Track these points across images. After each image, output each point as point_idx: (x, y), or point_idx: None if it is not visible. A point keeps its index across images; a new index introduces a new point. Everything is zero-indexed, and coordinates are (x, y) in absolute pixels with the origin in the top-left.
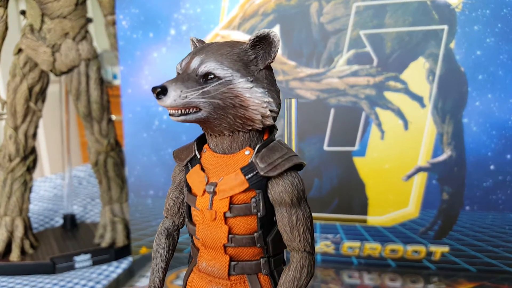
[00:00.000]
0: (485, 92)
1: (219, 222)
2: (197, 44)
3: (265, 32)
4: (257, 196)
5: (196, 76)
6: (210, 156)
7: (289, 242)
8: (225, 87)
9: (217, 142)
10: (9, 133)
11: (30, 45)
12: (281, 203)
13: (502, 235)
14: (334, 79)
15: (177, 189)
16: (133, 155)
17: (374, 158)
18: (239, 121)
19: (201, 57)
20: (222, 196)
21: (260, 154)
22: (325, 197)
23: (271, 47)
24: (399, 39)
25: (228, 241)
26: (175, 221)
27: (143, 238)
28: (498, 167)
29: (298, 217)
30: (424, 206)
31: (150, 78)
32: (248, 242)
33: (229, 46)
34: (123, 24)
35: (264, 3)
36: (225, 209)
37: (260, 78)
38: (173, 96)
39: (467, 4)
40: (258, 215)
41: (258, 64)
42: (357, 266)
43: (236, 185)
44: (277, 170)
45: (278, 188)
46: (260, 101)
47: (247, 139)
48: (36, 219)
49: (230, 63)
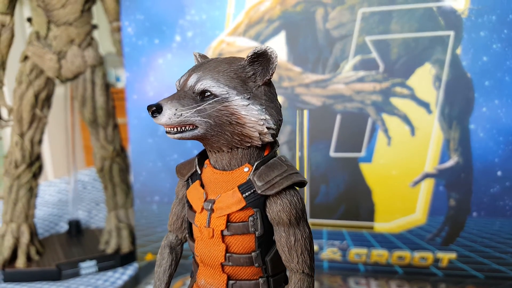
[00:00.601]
0: (492, 98)
1: (216, 240)
2: (199, 59)
3: (262, 49)
4: (254, 215)
5: (193, 94)
6: (210, 172)
7: (287, 263)
8: (221, 105)
9: (217, 158)
10: (15, 140)
11: (36, 52)
12: (279, 222)
13: (509, 241)
14: (340, 85)
15: (180, 204)
16: (138, 161)
17: (381, 164)
18: (237, 138)
19: (198, 75)
20: (220, 214)
21: (259, 171)
22: (332, 203)
23: (269, 63)
24: (405, 45)
25: (225, 260)
26: (179, 235)
27: (149, 244)
28: (505, 173)
29: (297, 238)
30: (431, 212)
31: (155, 84)
32: (245, 261)
33: (227, 63)
34: (128, 30)
35: (269, 10)
36: (222, 227)
37: (259, 94)
38: (168, 114)
39: (473, 10)
40: (256, 234)
41: (257, 81)
42: (364, 273)
43: (233, 203)
44: (274, 188)
45: (276, 207)
46: (257, 119)
47: (246, 155)
48: (41, 225)
49: (226, 81)
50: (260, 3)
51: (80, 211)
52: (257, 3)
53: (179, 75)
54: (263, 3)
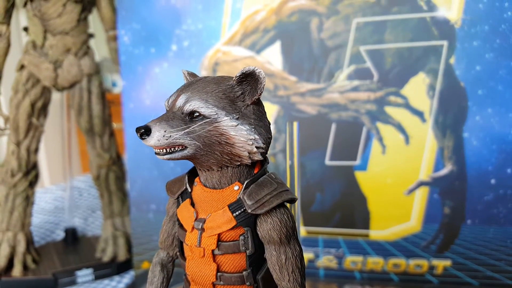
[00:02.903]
0: (485, 107)
1: (207, 259)
2: (188, 77)
3: (250, 69)
4: (245, 234)
5: (181, 114)
6: (200, 190)
7: (278, 281)
8: (210, 126)
9: (207, 176)
10: (12, 149)
11: (33, 62)
12: (269, 241)
13: (503, 248)
14: (335, 94)
15: (170, 221)
16: (134, 169)
17: (376, 172)
18: (226, 157)
19: (186, 95)
20: (210, 234)
21: (249, 190)
22: (327, 211)
23: (257, 83)
24: (399, 55)
25: (216, 279)
26: (170, 252)
27: (145, 252)
28: (498, 181)
29: (287, 256)
30: (426, 220)
31: (152, 93)
32: (237, 280)
33: (215, 83)
34: (125, 39)
35: (265, 20)
36: (213, 247)
37: (248, 113)
38: (156, 136)
39: (466, 20)
40: (247, 252)
41: (245, 100)
42: (360, 280)
43: (224, 223)
44: (264, 207)
45: (266, 226)
46: (246, 139)
47: (236, 174)
48: (37, 232)
49: (215, 101)
50: (255, 13)
51: (76, 219)
52: (252, 13)
53: (176, 84)
54: (258, 13)
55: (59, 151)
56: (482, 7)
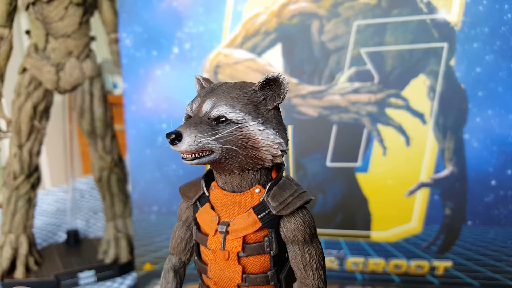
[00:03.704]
0: (485, 109)
1: (232, 262)
2: (203, 83)
3: (274, 75)
4: (270, 235)
5: (208, 120)
6: (219, 194)
7: (303, 280)
8: (238, 130)
9: (227, 180)
10: (14, 151)
11: (35, 65)
12: (293, 241)
13: (504, 249)
14: (336, 96)
15: (183, 226)
16: (136, 171)
17: (377, 174)
18: (250, 161)
19: (212, 101)
20: (235, 236)
21: (272, 192)
22: (329, 212)
23: (280, 89)
24: (400, 57)
25: (242, 281)
26: (182, 257)
27: (147, 254)
28: (499, 182)
29: (311, 255)
30: (427, 221)
31: (153, 95)
32: (262, 280)
33: (239, 89)
34: (126, 42)
35: (266, 22)
36: (238, 249)
37: (270, 118)
38: (188, 142)
39: (466, 22)
40: (271, 253)
41: (267, 105)
42: (361, 281)
43: (249, 225)
44: (289, 208)
45: (290, 226)
46: (272, 143)
47: (256, 177)
48: (39, 234)
49: (241, 106)
50: (256, 16)
51: (78, 220)
52: (253, 16)
53: (177, 87)
54: (259, 16)
55: (61, 153)
56: (482, 9)
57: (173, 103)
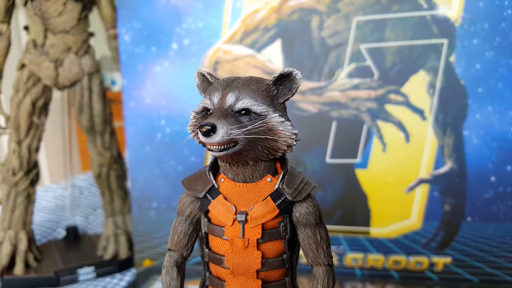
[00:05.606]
0: (485, 105)
1: (251, 249)
2: (208, 77)
3: (289, 71)
4: (284, 220)
5: (231, 112)
6: (230, 185)
7: (314, 259)
8: (262, 122)
9: (238, 171)
10: (13, 148)
11: (33, 60)
12: (306, 224)
13: (503, 245)
14: (336, 92)
15: (186, 221)
16: (136, 167)
17: (376, 170)
18: (266, 152)
19: (235, 94)
20: (255, 224)
21: (285, 180)
22: (328, 209)
23: (293, 84)
24: (400, 53)
25: (261, 266)
26: (184, 253)
27: (147, 250)
28: (498, 178)
29: (321, 235)
30: (426, 217)
31: (152, 91)
32: (278, 264)
33: (257, 83)
34: (125, 38)
35: (265, 18)
36: (258, 236)
37: (281, 111)
38: (221, 133)
39: (466, 19)
40: (286, 237)
41: (279, 99)
42: (360, 277)
43: (268, 212)
44: (302, 194)
45: (303, 210)
46: (290, 133)
47: (267, 167)
48: (38, 231)
49: (263, 99)
50: (256, 12)
51: (77, 217)
52: (253, 12)
53: (176, 83)
54: (259, 11)
55: (60, 149)
56: (482, 5)
57: (172, 99)
